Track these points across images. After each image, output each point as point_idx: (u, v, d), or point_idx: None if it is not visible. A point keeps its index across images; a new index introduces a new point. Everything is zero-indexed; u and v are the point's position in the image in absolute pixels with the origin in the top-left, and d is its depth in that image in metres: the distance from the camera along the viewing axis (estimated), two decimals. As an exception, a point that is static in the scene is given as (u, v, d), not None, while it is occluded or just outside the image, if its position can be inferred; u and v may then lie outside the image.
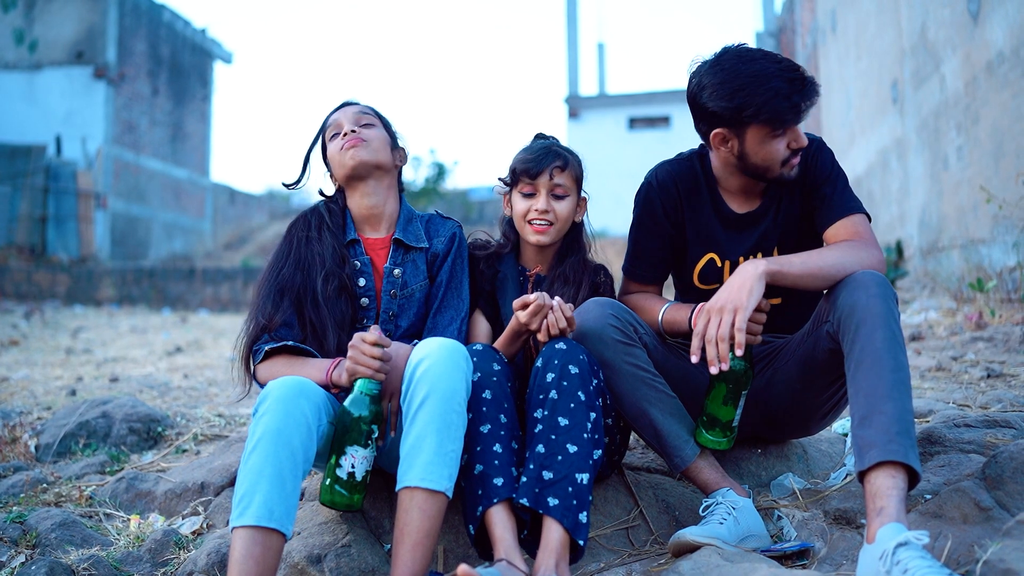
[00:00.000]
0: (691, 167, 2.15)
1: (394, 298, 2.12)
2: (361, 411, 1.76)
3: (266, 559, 1.59)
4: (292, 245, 2.12)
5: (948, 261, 6.26)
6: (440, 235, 2.21)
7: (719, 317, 1.76)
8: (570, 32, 20.70)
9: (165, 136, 18.76)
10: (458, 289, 2.16)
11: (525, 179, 2.15)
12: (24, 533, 2.18)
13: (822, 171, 2.02)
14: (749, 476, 2.21)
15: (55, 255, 14.81)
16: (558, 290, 2.15)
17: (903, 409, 1.61)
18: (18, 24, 16.10)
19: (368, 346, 1.78)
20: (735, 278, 1.79)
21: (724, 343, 1.73)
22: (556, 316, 1.88)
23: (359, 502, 1.79)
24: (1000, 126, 5.18)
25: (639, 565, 1.87)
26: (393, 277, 2.13)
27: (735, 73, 1.89)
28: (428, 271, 2.17)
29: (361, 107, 2.22)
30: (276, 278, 2.06)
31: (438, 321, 2.12)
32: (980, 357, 3.58)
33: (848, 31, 10.20)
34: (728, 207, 2.11)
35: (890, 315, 1.69)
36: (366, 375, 1.77)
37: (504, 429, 1.83)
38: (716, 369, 1.75)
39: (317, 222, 2.15)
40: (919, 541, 1.43)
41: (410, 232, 2.18)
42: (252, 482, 1.62)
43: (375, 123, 2.19)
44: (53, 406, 3.70)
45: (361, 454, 1.76)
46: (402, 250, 2.16)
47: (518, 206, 2.17)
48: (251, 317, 2.04)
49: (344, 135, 2.13)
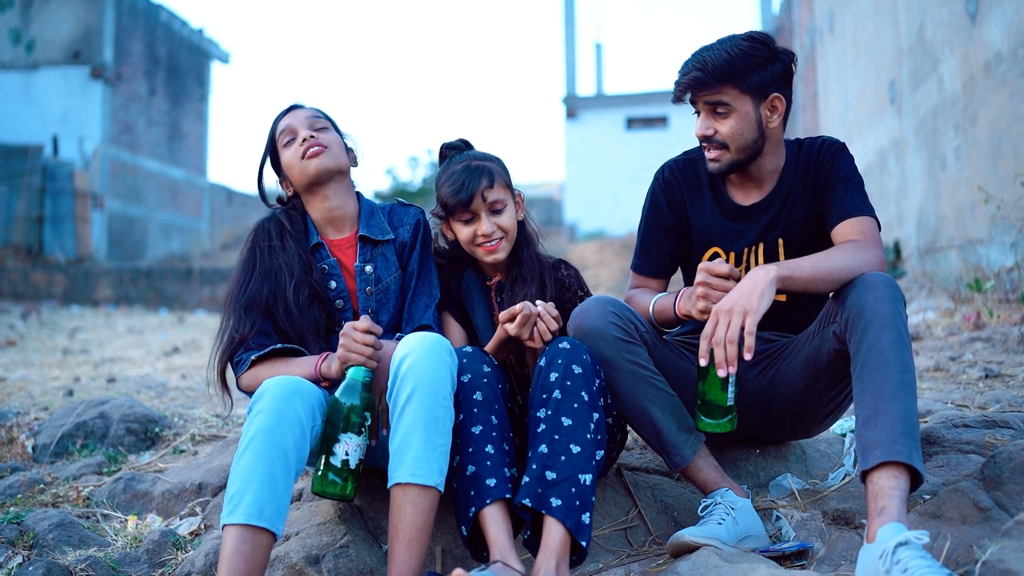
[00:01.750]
0: (694, 162, 2.19)
1: (370, 295, 2.11)
2: (353, 399, 1.74)
3: (255, 557, 1.60)
4: (256, 257, 2.08)
5: (946, 261, 6.27)
6: (404, 223, 2.19)
7: (728, 319, 1.74)
8: (568, 32, 20.70)
9: (162, 136, 18.73)
10: (427, 275, 2.15)
11: (459, 210, 2.09)
12: (21, 534, 2.18)
13: (839, 171, 2.02)
14: (747, 476, 2.21)
15: (52, 255, 14.78)
16: (519, 292, 2.12)
17: (908, 411, 1.61)
18: (14, 24, 16.05)
19: (360, 333, 1.78)
20: (746, 282, 1.77)
21: (733, 346, 1.72)
22: (545, 321, 1.88)
23: (352, 492, 1.76)
24: (998, 126, 5.19)
25: (637, 565, 1.87)
26: (365, 274, 2.12)
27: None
28: (399, 261, 2.16)
29: (312, 110, 2.18)
30: (244, 294, 2.03)
31: (413, 309, 2.11)
32: (978, 357, 3.59)
33: (846, 31, 10.21)
34: (730, 199, 2.13)
35: (898, 317, 1.69)
36: (359, 362, 1.77)
37: (496, 430, 1.83)
38: (724, 372, 1.74)
39: (278, 230, 2.11)
40: (919, 541, 1.43)
41: (374, 226, 2.16)
42: (243, 481, 1.63)
43: (328, 126, 2.16)
44: (50, 406, 3.69)
45: (355, 441, 1.74)
46: (369, 246, 2.14)
47: (462, 233, 2.11)
48: (222, 334, 2.01)
49: (302, 142, 2.08)
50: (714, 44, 1.99)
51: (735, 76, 1.95)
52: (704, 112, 2.01)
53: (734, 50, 1.95)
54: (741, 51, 1.95)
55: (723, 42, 1.98)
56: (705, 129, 2.00)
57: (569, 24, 20.67)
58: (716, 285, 1.83)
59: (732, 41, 1.97)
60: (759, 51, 1.96)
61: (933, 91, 6.52)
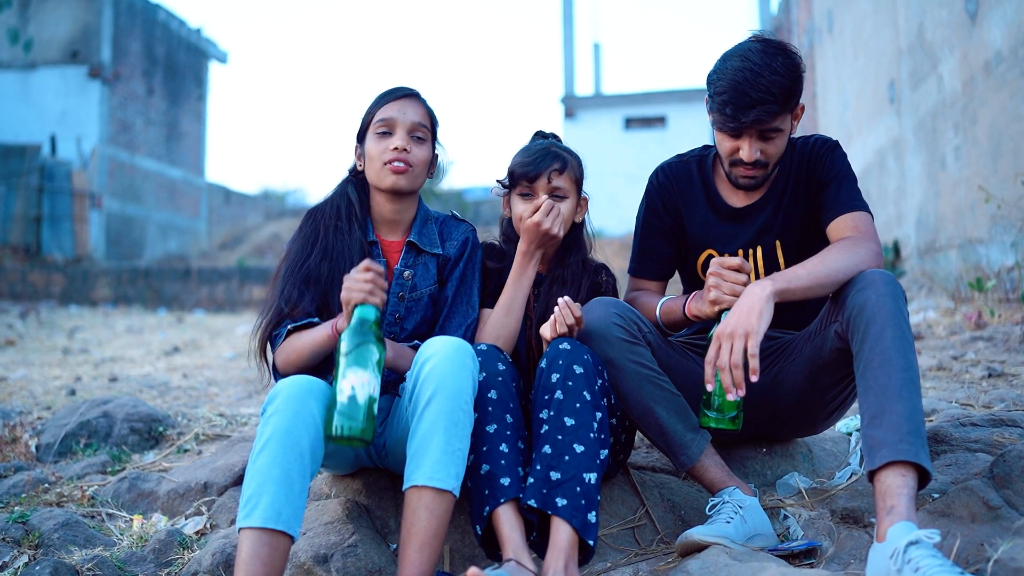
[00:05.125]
0: (687, 164, 2.19)
1: (401, 300, 2.09)
2: (360, 337, 1.66)
3: (273, 560, 1.58)
4: (320, 233, 2.05)
5: (945, 261, 6.27)
6: (453, 239, 2.16)
7: (730, 343, 1.73)
8: (566, 32, 20.70)
9: (160, 136, 18.71)
10: (468, 295, 2.12)
11: (523, 182, 2.12)
12: (27, 533, 2.17)
13: (832, 169, 2.03)
14: (754, 475, 2.21)
15: (50, 255, 14.76)
16: (556, 293, 2.12)
17: (913, 408, 1.61)
18: (12, 23, 16.02)
19: (359, 272, 1.74)
20: (743, 301, 1.77)
21: (738, 369, 1.72)
22: (563, 313, 1.88)
23: (366, 432, 1.61)
24: (998, 126, 5.20)
25: (646, 565, 1.87)
26: (403, 279, 2.09)
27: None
28: (439, 274, 2.13)
29: (419, 113, 2.08)
30: (302, 268, 2.00)
31: (447, 326, 2.08)
32: (980, 356, 3.59)
33: (845, 31, 10.21)
34: (724, 201, 2.13)
35: (899, 314, 1.69)
36: (360, 300, 1.70)
37: (510, 429, 1.83)
38: (733, 396, 1.74)
39: (347, 212, 2.08)
40: (930, 540, 1.43)
41: (424, 236, 2.13)
42: (260, 483, 1.61)
43: (426, 138, 2.09)
44: (53, 406, 3.69)
45: (362, 375, 1.62)
46: (414, 252, 2.12)
47: (517, 208, 2.14)
48: (270, 304, 1.98)
49: (393, 148, 2.02)
50: (760, 67, 1.88)
51: (793, 100, 1.93)
52: (753, 137, 1.95)
53: (786, 72, 1.89)
54: (789, 71, 1.89)
55: (767, 64, 1.88)
56: (755, 154, 1.95)
57: (567, 24, 20.67)
58: (727, 277, 1.84)
59: (775, 61, 1.89)
60: (798, 66, 1.92)
61: (933, 91, 6.53)
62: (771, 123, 1.92)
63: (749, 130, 1.94)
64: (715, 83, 1.95)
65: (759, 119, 1.90)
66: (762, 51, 1.92)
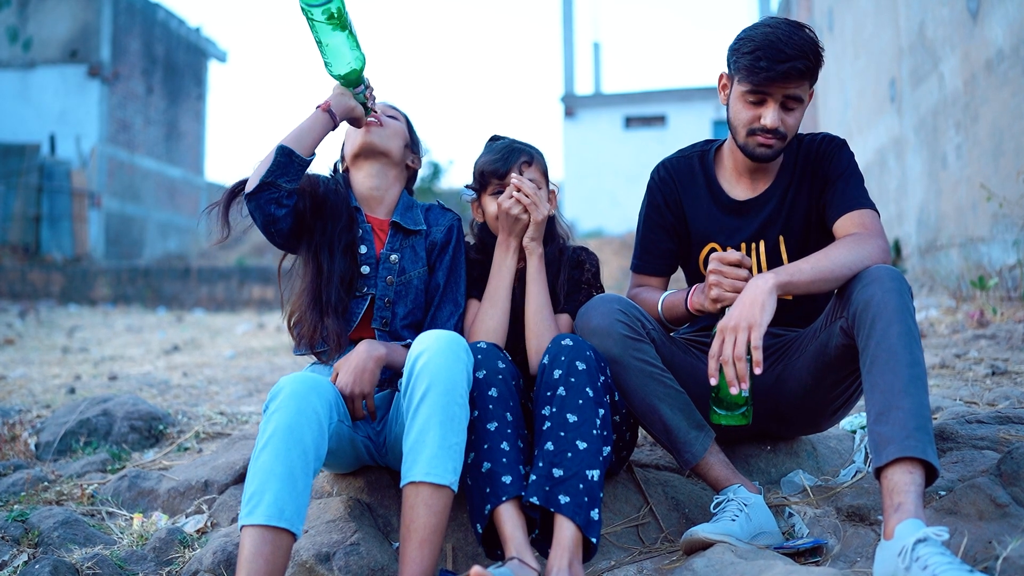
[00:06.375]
0: (689, 159, 2.19)
1: (390, 285, 2.09)
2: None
3: (275, 558, 1.56)
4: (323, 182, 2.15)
5: (946, 259, 6.27)
6: (439, 224, 2.19)
7: (734, 336, 1.73)
8: (566, 31, 20.72)
9: (159, 135, 18.70)
10: (456, 284, 2.15)
11: (494, 180, 2.12)
12: (26, 532, 2.16)
13: (839, 166, 2.02)
14: (759, 473, 2.20)
15: (49, 254, 14.75)
16: None
17: (920, 405, 1.59)
18: (12, 22, 16.03)
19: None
20: (746, 294, 1.76)
21: (742, 362, 1.71)
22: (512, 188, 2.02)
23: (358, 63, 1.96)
24: (1000, 124, 5.19)
25: (650, 563, 1.85)
26: (389, 263, 2.10)
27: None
28: (427, 258, 2.15)
29: (389, 104, 2.27)
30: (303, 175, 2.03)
31: (438, 316, 2.11)
32: (984, 354, 3.58)
33: (845, 30, 10.21)
34: (726, 194, 2.12)
35: (905, 310, 1.68)
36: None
37: (511, 427, 1.81)
38: (736, 389, 1.73)
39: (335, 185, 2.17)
40: (939, 537, 1.42)
41: (408, 217, 2.16)
42: (263, 480, 1.60)
43: (398, 117, 2.24)
44: (52, 404, 3.67)
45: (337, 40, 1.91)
46: (400, 235, 2.14)
47: (491, 208, 2.13)
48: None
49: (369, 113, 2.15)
50: (791, 30, 1.91)
51: (817, 70, 1.94)
52: (777, 103, 1.94)
53: (813, 42, 1.92)
54: (815, 42, 1.92)
55: (796, 30, 1.92)
56: (777, 122, 1.95)
57: (567, 23, 20.69)
58: (728, 273, 1.83)
59: (802, 30, 1.92)
60: (819, 43, 1.95)
61: (934, 89, 6.52)
62: (799, 83, 1.92)
63: (776, 92, 1.92)
64: (744, 43, 1.94)
65: (791, 72, 1.88)
66: (787, 22, 1.95)
